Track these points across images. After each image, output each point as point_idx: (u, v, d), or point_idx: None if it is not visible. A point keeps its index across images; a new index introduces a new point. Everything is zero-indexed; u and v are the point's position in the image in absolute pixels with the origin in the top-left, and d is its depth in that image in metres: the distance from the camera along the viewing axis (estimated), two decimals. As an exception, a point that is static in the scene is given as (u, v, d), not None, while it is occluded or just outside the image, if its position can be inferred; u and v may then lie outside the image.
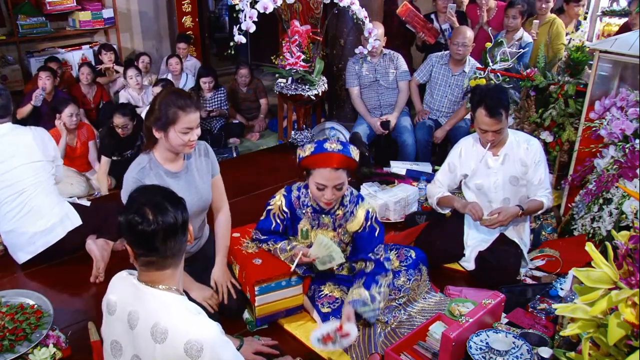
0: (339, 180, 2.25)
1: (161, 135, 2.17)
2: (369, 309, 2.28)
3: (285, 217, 2.46)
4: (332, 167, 2.22)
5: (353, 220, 2.42)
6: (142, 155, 2.28)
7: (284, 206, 2.44)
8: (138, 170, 2.22)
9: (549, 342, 2.10)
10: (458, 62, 4.15)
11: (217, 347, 1.42)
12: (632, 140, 2.70)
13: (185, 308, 1.48)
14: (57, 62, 4.94)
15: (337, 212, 2.42)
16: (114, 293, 1.58)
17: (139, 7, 6.06)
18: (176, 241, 1.48)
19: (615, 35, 3.22)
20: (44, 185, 2.86)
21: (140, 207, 1.44)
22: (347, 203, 2.42)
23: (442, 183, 2.95)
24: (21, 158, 2.82)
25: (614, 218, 2.69)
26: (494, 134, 2.67)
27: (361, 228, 2.41)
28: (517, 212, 2.69)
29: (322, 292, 2.43)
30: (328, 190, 2.25)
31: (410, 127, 4.27)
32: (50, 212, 2.85)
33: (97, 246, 2.86)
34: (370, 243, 2.41)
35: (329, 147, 2.24)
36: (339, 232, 2.45)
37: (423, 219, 3.26)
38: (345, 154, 2.24)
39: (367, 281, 2.32)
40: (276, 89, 4.47)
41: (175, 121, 2.12)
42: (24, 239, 2.83)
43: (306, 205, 2.42)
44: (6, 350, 2.03)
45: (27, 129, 2.93)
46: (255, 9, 3.82)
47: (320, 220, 2.44)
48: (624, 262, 1.16)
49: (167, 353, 1.41)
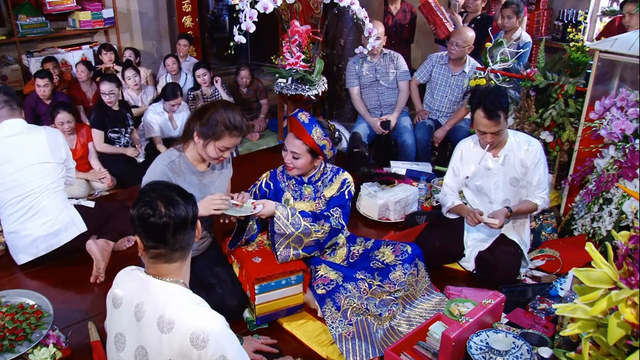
0: (295, 148, 2.48)
1: (200, 142, 2.28)
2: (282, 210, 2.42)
3: (269, 190, 2.63)
4: (292, 132, 2.50)
5: (330, 186, 2.63)
6: (172, 149, 2.38)
7: (269, 178, 2.65)
8: (168, 162, 2.31)
9: (549, 342, 2.10)
10: (458, 62, 4.14)
11: (222, 338, 1.44)
12: (632, 140, 2.70)
13: (192, 300, 1.50)
14: (55, 62, 4.93)
15: (318, 182, 2.62)
16: (120, 287, 1.59)
17: (139, 7, 6.06)
18: (185, 234, 1.52)
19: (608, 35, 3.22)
20: (51, 188, 2.83)
21: (152, 200, 1.48)
22: (328, 173, 2.64)
23: (452, 188, 2.95)
24: (30, 158, 2.79)
25: (614, 218, 2.69)
26: (492, 136, 2.67)
27: (336, 193, 2.60)
28: (505, 214, 2.68)
29: (318, 272, 2.49)
30: (288, 155, 2.50)
31: (410, 127, 4.27)
32: (56, 217, 2.83)
33: (97, 246, 2.85)
34: (332, 204, 2.57)
35: (299, 116, 2.50)
36: (318, 202, 2.61)
37: (423, 219, 3.26)
38: (305, 128, 2.46)
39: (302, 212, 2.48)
40: (276, 89, 4.48)
41: (219, 139, 2.25)
42: (26, 242, 2.82)
43: (289, 178, 2.63)
44: (6, 350, 2.03)
45: (41, 129, 2.91)
46: (255, 9, 3.82)
47: (302, 191, 2.61)
48: (624, 262, 1.16)
49: (173, 343, 1.43)
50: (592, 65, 3.04)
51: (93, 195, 3.85)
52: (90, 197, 3.75)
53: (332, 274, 2.49)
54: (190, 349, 1.41)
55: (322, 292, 2.42)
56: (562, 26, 5.96)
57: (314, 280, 2.47)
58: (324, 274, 2.47)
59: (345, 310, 2.35)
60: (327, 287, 2.43)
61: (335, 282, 2.44)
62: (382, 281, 2.52)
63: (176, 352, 1.43)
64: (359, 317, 2.35)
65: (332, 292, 2.40)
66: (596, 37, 5.63)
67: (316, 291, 2.43)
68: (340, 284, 2.43)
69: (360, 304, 2.37)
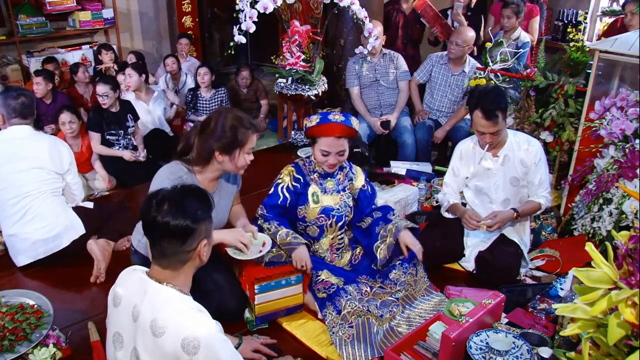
0: (341, 147, 2.50)
1: (224, 159, 2.21)
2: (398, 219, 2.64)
3: (299, 185, 2.59)
4: (335, 136, 2.47)
5: (357, 178, 2.71)
6: (179, 165, 2.28)
7: (296, 173, 2.60)
8: (175, 178, 2.21)
9: (549, 342, 2.10)
10: (458, 62, 4.14)
11: (214, 345, 1.43)
12: (632, 140, 2.70)
13: (187, 305, 1.49)
14: (55, 62, 4.92)
15: (339, 176, 2.65)
16: (121, 286, 1.60)
17: (139, 7, 6.06)
18: (170, 244, 1.49)
19: (610, 35, 3.22)
20: (47, 193, 2.82)
21: (165, 197, 1.49)
22: (345, 166, 2.69)
23: (452, 188, 2.95)
24: (28, 163, 2.78)
25: (614, 218, 2.69)
26: (491, 136, 2.67)
27: (364, 184, 2.72)
28: (511, 216, 2.70)
29: (319, 277, 2.47)
30: (331, 157, 2.51)
31: (410, 127, 4.27)
32: (55, 220, 2.82)
33: (98, 246, 2.86)
34: (373, 196, 2.75)
35: (332, 118, 2.48)
36: (342, 195, 2.65)
37: (423, 219, 3.26)
38: (346, 124, 2.48)
39: (383, 220, 2.64)
40: (276, 89, 4.47)
41: (245, 142, 2.22)
42: (26, 244, 2.82)
43: (313, 172, 2.63)
44: (6, 350, 2.03)
45: (45, 137, 2.90)
46: (255, 9, 3.82)
47: (325, 185, 2.62)
48: (624, 262, 1.16)
49: (165, 347, 1.42)
50: (592, 65, 3.04)
51: (93, 195, 3.84)
52: (90, 197, 3.75)
53: (334, 278, 2.48)
54: (181, 354, 1.41)
55: (323, 295, 2.41)
56: (562, 26, 5.96)
57: (315, 285, 2.46)
58: (326, 278, 2.46)
59: (345, 313, 2.33)
60: (328, 290, 2.42)
61: (336, 286, 2.43)
62: (383, 282, 2.53)
63: (169, 356, 1.43)
64: (360, 318, 2.34)
65: (333, 296, 2.39)
66: (597, 38, 5.63)
67: (317, 295, 2.43)
68: (341, 287, 2.43)
69: (362, 306, 2.36)
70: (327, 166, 2.56)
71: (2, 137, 2.84)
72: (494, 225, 2.68)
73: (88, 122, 3.99)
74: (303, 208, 2.59)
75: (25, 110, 2.81)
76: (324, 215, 2.60)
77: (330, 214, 2.60)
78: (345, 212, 2.64)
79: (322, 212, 2.59)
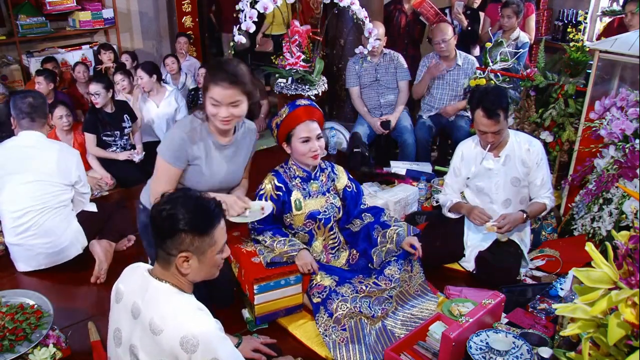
0: (317, 130, 2.48)
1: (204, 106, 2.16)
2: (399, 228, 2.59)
3: (282, 193, 2.52)
4: (310, 119, 2.46)
5: (339, 178, 2.69)
6: (194, 117, 2.22)
7: (277, 181, 2.54)
8: (189, 129, 2.17)
9: (549, 342, 2.10)
10: (449, 58, 4.14)
11: (213, 343, 1.43)
12: (632, 140, 2.70)
13: (187, 303, 1.49)
14: (55, 62, 4.92)
15: (321, 177, 2.62)
16: (123, 282, 1.60)
17: (139, 7, 6.06)
18: (157, 237, 1.52)
19: (607, 35, 3.22)
20: (52, 207, 2.76)
21: (180, 199, 1.49)
22: (325, 166, 2.66)
23: (453, 188, 2.95)
24: (36, 175, 2.72)
25: (614, 218, 2.69)
26: (493, 135, 2.67)
27: (349, 184, 2.70)
28: (521, 218, 2.70)
29: (313, 280, 2.45)
30: (313, 142, 2.46)
31: (410, 127, 4.27)
32: (59, 237, 2.79)
33: (101, 247, 2.85)
34: (359, 196, 2.74)
35: (300, 102, 2.50)
36: (328, 197, 2.61)
37: (423, 219, 3.26)
38: (314, 106, 2.51)
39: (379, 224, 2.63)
40: (276, 89, 4.47)
41: (207, 89, 2.11)
42: (29, 254, 2.80)
43: (294, 177, 2.57)
44: (6, 350, 2.03)
45: (55, 146, 2.84)
46: (255, 9, 3.82)
47: (309, 189, 2.57)
48: (624, 262, 1.16)
49: (163, 345, 1.42)
50: (592, 65, 3.04)
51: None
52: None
53: (327, 280, 2.45)
54: (180, 352, 1.40)
55: (318, 300, 2.39)
56: (562, 26, 5.96)
57: (310, 290, 2.44)
58: (319, 281, 2.44)
59: (338, 315, 2.31)
60: (321, 295, 2.39)
61: (329, 289, 2.39)
62: (378, 277, 2.50)
63: (167, 354, 1.43)
64: (352, 320, 2.33)
65: (325, 300, 2.37)
66: (596, 38, 5.63)
67: (312, 300, 2.42)
68: (333, 290, 2.39)
69: (353, 307, 2.33)
70: (313, 157, 2.47)
71: (12, 144, 2.79)
72: (504, 227, 2.67)
73: (83, 123, 3.98)
74: (289, 216, 2.55)
75: (33, 111, 2.75)
76: (310, 220, 2.57)
77: (316, 218, 2.57)
78: (332, 214, 2.61)
79: (308, 217, 2.56)
